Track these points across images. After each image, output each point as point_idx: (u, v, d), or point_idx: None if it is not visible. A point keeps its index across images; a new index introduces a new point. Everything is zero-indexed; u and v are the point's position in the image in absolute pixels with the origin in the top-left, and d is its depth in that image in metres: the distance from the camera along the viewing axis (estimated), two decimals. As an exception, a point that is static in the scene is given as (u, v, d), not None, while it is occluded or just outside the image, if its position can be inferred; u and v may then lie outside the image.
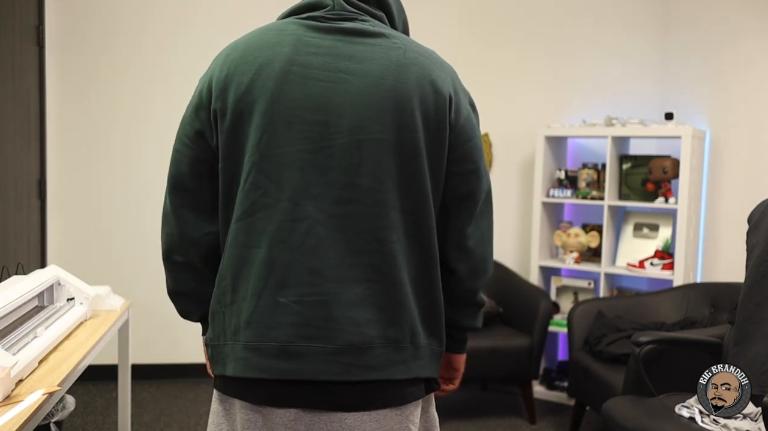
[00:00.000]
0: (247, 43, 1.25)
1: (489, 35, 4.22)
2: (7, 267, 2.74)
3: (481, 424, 3.51)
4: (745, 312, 2.32)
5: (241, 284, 1.20)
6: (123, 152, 3.94)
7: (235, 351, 1.20)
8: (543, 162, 3.94)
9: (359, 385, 1.18)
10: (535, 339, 3.47)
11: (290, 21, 1.26)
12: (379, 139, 1.18)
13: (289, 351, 1.16)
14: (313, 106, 1.18)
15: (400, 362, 1.21)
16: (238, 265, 1.21)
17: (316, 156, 1.18)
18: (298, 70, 1.19)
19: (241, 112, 1.20)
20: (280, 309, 1.17)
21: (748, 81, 3.53)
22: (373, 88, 1.19)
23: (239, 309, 1.20)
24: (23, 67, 3.52)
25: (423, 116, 1.21)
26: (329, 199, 1.18)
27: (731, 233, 3.56)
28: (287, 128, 1.18)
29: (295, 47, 1.21)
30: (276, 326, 1.17)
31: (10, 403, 1.47)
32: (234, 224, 1.22)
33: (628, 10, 4.19)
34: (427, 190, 1.23)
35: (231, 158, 1.22)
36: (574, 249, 3.90)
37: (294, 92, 1.18)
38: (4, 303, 1.83)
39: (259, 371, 1.17)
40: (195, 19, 3.95)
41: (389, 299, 1.20)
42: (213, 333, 1.26)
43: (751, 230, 2.42)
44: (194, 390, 3.81)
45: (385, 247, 1.19)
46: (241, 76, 1.21)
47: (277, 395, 1.18)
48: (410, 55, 1.23)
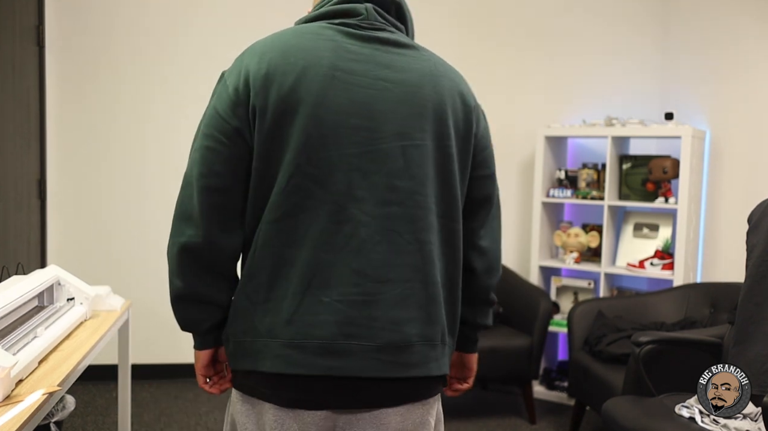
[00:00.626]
0: (285, 43, 1.24)
1: (489, 35, 4.21)
2: (7, 267, 2.74)
3: (481, 424, 3.51)
4: (745, 312, 2.32)
5: (279, 283, 1.22)
6: (123, 151, 3.94)
7: (270, 349, 1.21)
8: (543, 162, 3.94)
9: (397, 382, 1.24)
10: (535, 339, 3.47)
11: (324, 26, 1.27)
12: (419, 145, 1.25)
13: (332, 348, 1.19)
14: (357, 111, 1.22)
15: (434, 359, 1.27)
16: (277, 264, 1.22)
17: (361, 160, 1.22)
18: (341, 75, 1.22)
19: (284, 112, 1.20)
20: (324, 308, 1.20)
21: (748, 81, 3.53)
22: (413, 96, 1.26)
23: (277, 308, 1.21)
24: (23, 67, 3.52)
25: (455, 125, 1.30)
26: (372, 201, 1.22)
27: (731, 233, 3.56)
28: (334, 132, 1.21)
29: (336, 53, 1.23)
30: (320, 324, 1.20)
31: (10, 403, 1.47)
32: (269, 224, 1.22)
33: (629, 11, 4.19)
34: (458, 195, 1.31)
35: (268, 158, 1.22)
36: (574, 249, 3.90)
37: (339, 97, 1.21)
38: (4, 303, 1.83)
39: (300, 367, 1.19)
40: (195, 19, 3.95)
41: (427, 298, 1.26)
42: (238, 328, 1.25)
43: (751, 230, 2.42)
44: (194, 390, 3.81)
45: (424, 248, 1.25)
46: (283, 76, 1.20)
47: (307, 399, 1.21)
48: (440, 68, 1.32)
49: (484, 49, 4.22)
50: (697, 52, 3.88)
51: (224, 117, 1.22)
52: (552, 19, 4.21)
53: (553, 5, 4.21)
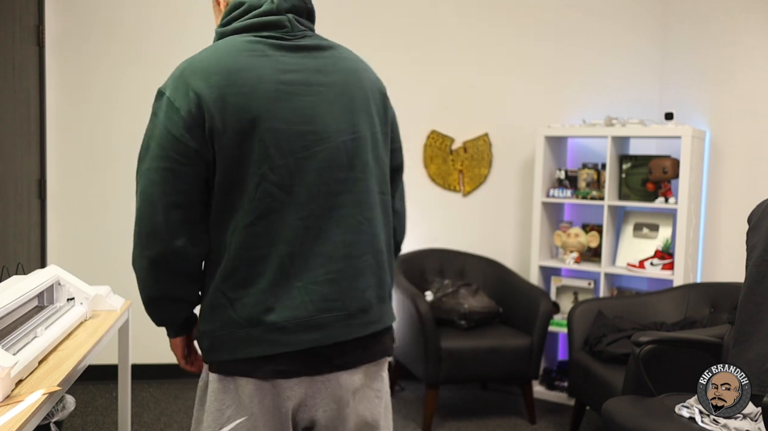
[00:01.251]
0: (227, 63, 1.35)
1: (489, 35, 4.21)
2: (7, 267, 2.73)
3: (481, 424, 3.51)
4: (745, 312, 2.32)
5: (256, 279, 1.35)
6: (123, 151, 3.94)
7: (253, 337, 1.35)
8: (543, 162, 3.94)
9: (362, 340, 1.44)
10: (535, 339, 3.47)
11: (253, 40, 1.39)
12: (356, 137, 1.43)
13: (311, 323, 1.36)
14: (302, 119, 1.37)
15: (385, 313, 1.50)
16: (253, 263, 1.35)
17: (311, 161, 1.38)
18: (283, 88, 1.36)
19: (241, 130, 1.33)
20: (299, 292, 1.36)
21: (748, 81, 3.53)
22: (343, 95, 1.43)
23: (255, 300, 1.35)
24: (23, 67, 3.52)
25: (377, 112, 1.50)
26: (326, 195, 1.39)
27: (731, 233, 3.56)
28: (286, 141, 1.36)
29: (274, 68, 1.37)
30: (297, 306, 1.36)
31: (10, 403, 1.47)
32: (244, 229, 1.35)
33: (628, 11, 4.19)
34: (387, 170, 1.53)
35: (232, 171, 1.34)
36: (574, 249, 3.90)
37: (284, 109, 1.36)
38: (4, 303, 1.83)
39: (284, 346, 1.35)
40: (195, 19, 3.94)
41: (377, 265, 1.46)
42: (215, 325, 1.38)
43: (751, 231, 2.42)
44: (194, 390, 3.80)
45: (372, 224, 1.45)
46: (235, 97, 1.33)
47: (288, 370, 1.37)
48: (359, 64, 1.50)
49: (484, 49, 4.21)
50: (697, 52, 3.88)
51: (181, 139, 1.33)
52: (552, 19, 4.21)
53: (554, 5, 4.21)
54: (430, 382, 3.37)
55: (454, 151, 4.21)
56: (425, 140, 4.19)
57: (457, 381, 3.57)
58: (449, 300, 3.65)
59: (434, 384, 3.37)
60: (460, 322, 3.57)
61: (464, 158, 4.22)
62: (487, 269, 4.01)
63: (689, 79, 3.94)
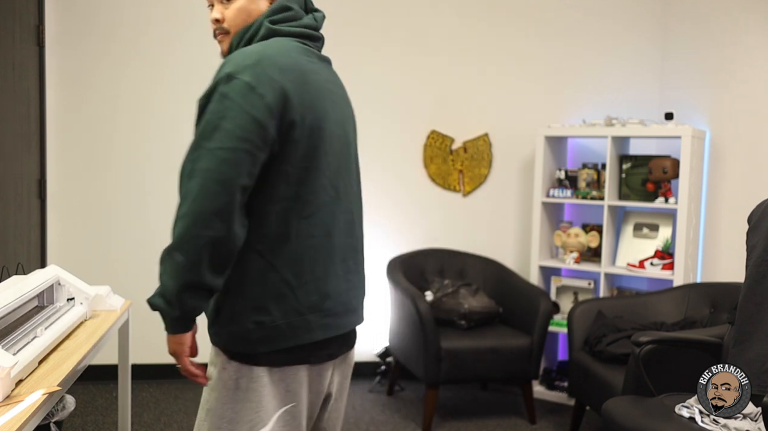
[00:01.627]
0: (296, 62, 1.44)
1: (489, 35, 4.21)
2: (7, 267, 2.74)
3: (481, 424, 3.51)
4: (745, 312, 2.32)
5: (316, 267, 1.46)
6: (123, 151, 3.94)
7: (313, 322, 1.45)
8: (543, 162, 3.94)
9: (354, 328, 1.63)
10: (535, 339, 3.47)
11: (304, 48, 1.51)
12: (353, 143, 1.62)
13: (349, 307, 1.55)
14: (340, 124, 1.54)
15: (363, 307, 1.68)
16: (313, 251, 1.45)
17: (345, 161, 1.55)
18: (329, 95, 1.51)
19: (314, 126, 1.43)
20: (340, 281, 1.51)
21: (748, 81, 3.53)
22: (345, 104, 1.61)
23: (315, 287, 1.46)
24: (23, 67, 3.52)
25: (352, 120, 1.65)
26: (353, 194, 1.58)
27: (731, 233, 3.56)
28: (336, 142, 1.51)
29: (322, 76, 1.51)
30: (342, 293, 1.52)
31: (10, 403, 1.47)
32: (305, 220, 1.43)
33: (628, 11, 4.19)
34: None
35: (300, 165, 1.42)
36: (574, 249, 3.90)
37: (334, 112, 1.52)
38: (4, 303, 1.83)
39: (337, 329, 1.51)
40: (195, 19, 3.94)
41: (363, 261, 1.64)
42: (276, 313, 1.42)
43: (751, 231, 2.42)
44: (194, 390, 3.81)
45: (361, 223, 1.63)
46: (309, 95, 1.43)
47: (333, 352, 1.53)
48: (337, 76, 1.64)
49: (483, 50, 4.21)
50: (697, 52, 3.88)
51: (264, 125, 1.35)
52: (552, 19, 4.21)
53: (554, 5, 4.21)
54: (430, 382, 3.37)
55: (454, 151, 4.21)
56: (425, 140, 4.19)
57: (457, 381, 3.57)
58: (449, 300, 3.65)
59: (434, 384, 3.37)
60: (460, 322, 3.58)
61: (464, 158, 4.22)
62: (487, 269, 4.01)
63: (689, 79, 3.94)
